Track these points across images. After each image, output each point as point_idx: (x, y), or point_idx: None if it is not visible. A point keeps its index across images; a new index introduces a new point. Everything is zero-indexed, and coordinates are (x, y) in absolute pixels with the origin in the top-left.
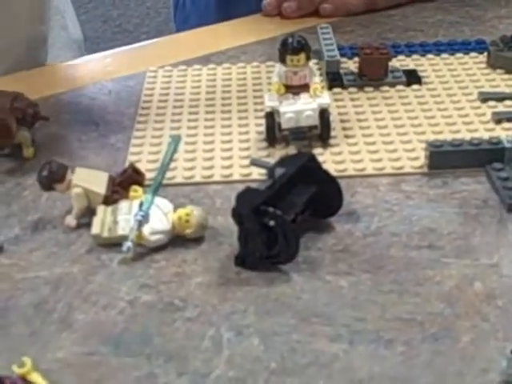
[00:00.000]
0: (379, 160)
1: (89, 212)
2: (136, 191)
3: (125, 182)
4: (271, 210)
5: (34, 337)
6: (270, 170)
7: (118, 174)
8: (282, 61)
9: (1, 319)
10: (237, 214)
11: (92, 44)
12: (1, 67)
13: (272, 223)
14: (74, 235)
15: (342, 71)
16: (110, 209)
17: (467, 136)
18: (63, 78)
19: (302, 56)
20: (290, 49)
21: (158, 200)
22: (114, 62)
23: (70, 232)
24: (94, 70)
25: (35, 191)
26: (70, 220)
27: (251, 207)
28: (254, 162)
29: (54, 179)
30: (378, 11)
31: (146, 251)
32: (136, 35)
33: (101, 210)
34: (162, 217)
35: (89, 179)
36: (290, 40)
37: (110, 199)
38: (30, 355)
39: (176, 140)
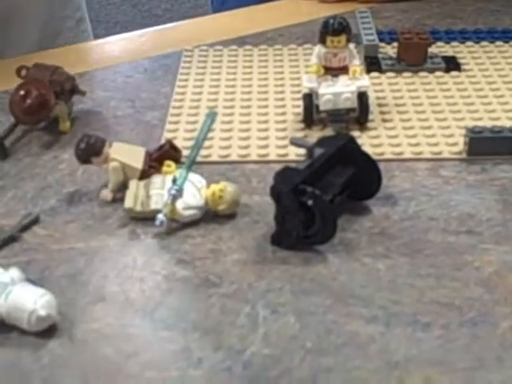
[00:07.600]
0: (417, 144)
1: (124, 186)
2: (169, 166)
3: (162, 157)
4: (310, 189)
5: (69, 307)
6: (310, 150)
7: (155, 150)
8: (323, 42)
9: None
10: (275, 192)
11: (121, 28)
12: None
13: (310, 202)
14: (110, 209)
15: (380, 56)
16: (142, 183)
17: (507, 124)
18: (98, 55)
19: (343, 37)
20: (331, 30)
21: (192, 175)
22: (150, 41)
23: (106, 205)
24: (130, 48)
25: (71, 164)
26: (106, 193)
27: (290, 186)
28: (294, 141)
29: (91, 152)
30: None
31: (180, 227)
32: (164, 20)
33: (133, 183)
34: (195, 192)
35: (126, 154)
36: (332, 21)
37: (146, 174)
38: (65, 326)
39: (212, 116)
